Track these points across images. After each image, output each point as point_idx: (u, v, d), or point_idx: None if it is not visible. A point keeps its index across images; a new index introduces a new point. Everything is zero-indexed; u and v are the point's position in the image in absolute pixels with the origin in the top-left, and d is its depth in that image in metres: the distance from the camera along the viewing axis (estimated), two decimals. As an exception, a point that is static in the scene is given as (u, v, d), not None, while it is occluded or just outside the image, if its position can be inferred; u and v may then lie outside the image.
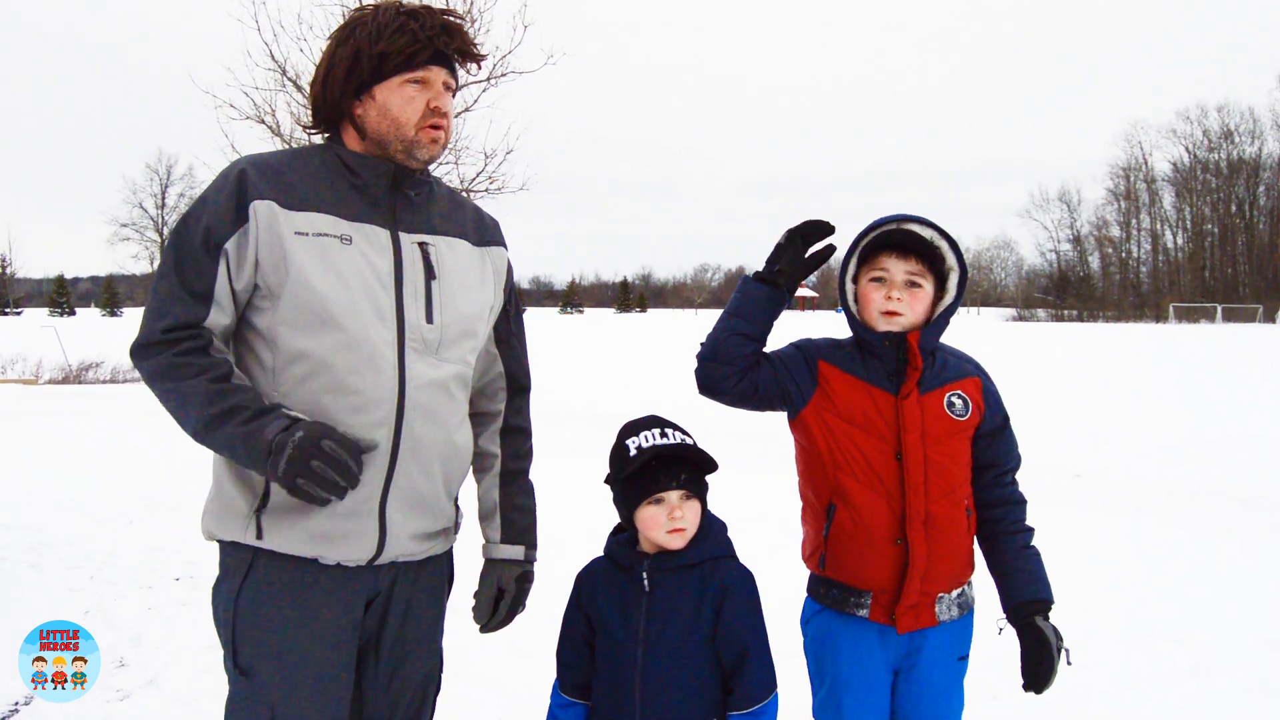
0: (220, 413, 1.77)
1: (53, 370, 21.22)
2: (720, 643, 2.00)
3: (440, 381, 1.98)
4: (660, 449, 2.00)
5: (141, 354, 1.84)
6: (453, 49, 1.98)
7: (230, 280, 1.86)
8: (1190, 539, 6.54)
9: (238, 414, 1.76)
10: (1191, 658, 4.28)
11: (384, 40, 1.91)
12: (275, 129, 8.46)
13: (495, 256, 2.19)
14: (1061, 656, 2.23)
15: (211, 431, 1.78)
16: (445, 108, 1.99)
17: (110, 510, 6.94)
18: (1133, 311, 69.94)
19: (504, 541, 2.18)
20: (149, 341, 1.83)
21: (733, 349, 2.19)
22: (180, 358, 1.80)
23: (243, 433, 1.75)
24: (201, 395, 1.78)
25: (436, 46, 1.94)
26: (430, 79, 1.96)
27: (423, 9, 1.99)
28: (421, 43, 1.93)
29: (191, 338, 1.83)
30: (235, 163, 1.93)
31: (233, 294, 1.87)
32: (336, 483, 1.73)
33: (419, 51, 1.93)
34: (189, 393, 1.79)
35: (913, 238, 2.21)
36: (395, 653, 2.03)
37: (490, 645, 2.44)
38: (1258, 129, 71.80)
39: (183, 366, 1.80)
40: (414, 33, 1.92)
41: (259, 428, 1.75)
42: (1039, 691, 2.23)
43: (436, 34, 1.94)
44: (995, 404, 2.30)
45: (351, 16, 2.03)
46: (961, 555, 2.23)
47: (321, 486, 1.72)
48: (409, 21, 1.93)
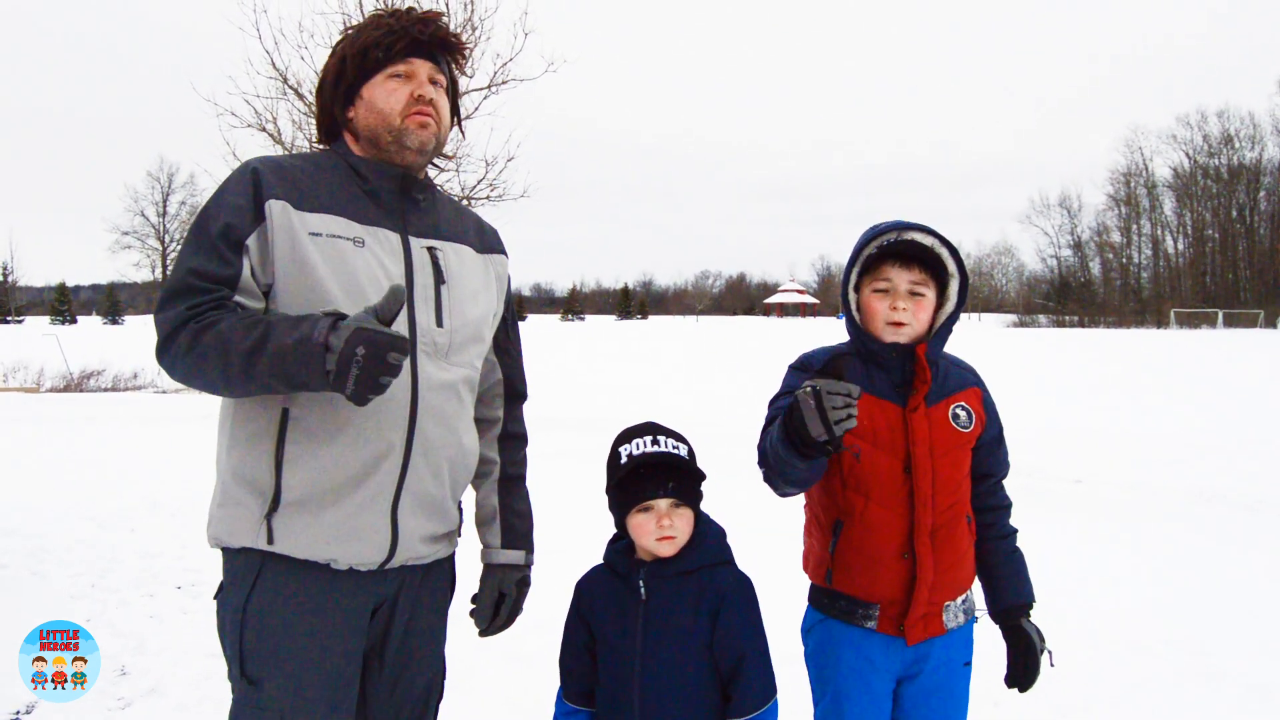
0: (261, 335, 1.68)
1: (54, 378, 21.23)
2: (718, 649, 2.00)
3: (450, 384, 1.99)
4: (648, 457, 2.01)
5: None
6: (428, 35, 2.01)
7: (255, 276, 1.83)
8: (1192, 544, 6.54)
9: (277, 327, 1.68)
10: (1194, 662, 4.28)
11: (363, 38, 1.98)
12: (276, 136, 8.48)
13: (497, 264, 2.21)
14: (1045, 658, 2.25)
15: (255, 357, 1.67)
16: (430, 95, 2.01)
17: (112, 517, 6.94)
18: (1134, 317, 69.89)
19: (505, 546, 2.20)
20: (178, 288, 1.77)
21: (805, 485, 2.10)
22: (202, 319, 1.74)
23: (290, 343, 1.65)
24: (240, 327, 1.70)
25: (412, 35, 1.98)
26: (413, 71, 2.00)
27: (403, 9, 2.04)
28: (397, 33, 1.97)
29: (218, 297, 1.77)
30: (247, 163, 1.94)
31: (259, 286, 1.84)
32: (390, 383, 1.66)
33: (395, 41, 1.97)
34: (226, 331, 1.71)
35: (915, 247, 2.20)
36: (399, 660, 2.03)
37: (490, 652, 2.45)
38: (1258, 134, 71.90)
39: (213, 319, 1.73)
40: (389, 26, 1.98)
41: (305, 335, 1.64)
42: (1022, 690, 2.26)
43: (411, 24, 1.99)
44: (993, 415, 2.31)
45: (341, 34, 2.09)
46: (966, 564, 2.24)
47: (381, 391, 1.65)
48: (387, 19, 2.00)
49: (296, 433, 1.83)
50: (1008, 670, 2.26)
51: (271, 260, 1.84)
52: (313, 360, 1.64)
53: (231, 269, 1.80)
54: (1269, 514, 7.59)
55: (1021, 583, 2.29)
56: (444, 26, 2.06)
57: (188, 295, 1.77)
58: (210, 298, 1.77)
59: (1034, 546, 2.44)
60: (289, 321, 1.70)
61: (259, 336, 1.68)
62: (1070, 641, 4.44)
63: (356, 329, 1.62)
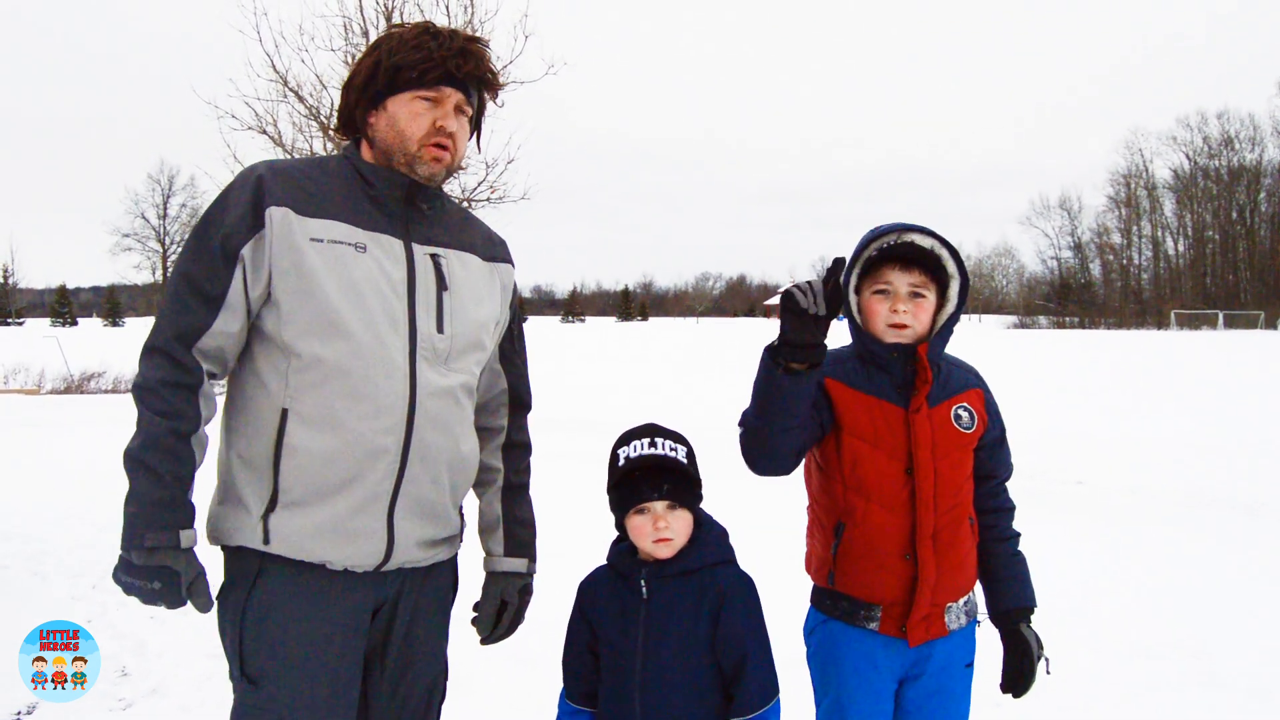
0: (144, 463, 1.80)
1: (55, 380, 21.23)
2: (719, 649, 2.00)
3: (449, 390, 1.99)
4: (644, 459, 2.02)
5: (143, 357, 1.87)
6: (465, 72, 1.99)
7: (246, 286, 1.88)
8: (1193, 546, 6.54)
9: (153, 483, 1.80)
10: (1195, 665, 4.27)
11: (401, 54, 1.95)
12: (277, 139, 8.47)
13: (503, 273, 2.21)
14: (1041, 664, 2.23)
15: (129, 467, 1.82)
16: (451, 128, 2.00)
17: (113, 519, 6.78)
18: (1134, 318, 69.98)
19: (507, 555, 2.20)
20: (153, 346, 1.86)
21: (785, 446, 2.09)
22: (165, 388, 1.83)
23: (135, 509, 1.80)
24: (147, 433, 1.81)
25: (448, 68, 1.96)
26: (441, 99, 1.98)
27: (448, 31, 2.01)
28: (435, 61, 1.95)
29: (187, 371, 1.85)
30: (253, 167, 1.95)
31: (247, 300, 1.89)
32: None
33: (431, 69, 1.95)
34: (145, 422, 1.82)
35: (915, 249, 2.20)
36: (400, 660, 2.03)
37: (493, 654, 2.45)
38: (1258, 135, 72.11)
39: (160, 398, 1.83)
40: (430, 50, 1.95)
41: (145, 524, 1.78)
42: (1017, 696, 2.26)
43: (451, 55, 1.96)
44: (996, 415, 2.31)
45: (384, 31, 2.07)
46: (968, 565, 2.24)
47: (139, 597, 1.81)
48: (429, 40, 1.97)
49: (293, 432, 1.85)
50: (1003, 674, 2.26)
51: (268, 267, 1.86)
52: (124, 537, 1.80)
53: (220, 284, 1.86)
54: (1270, 516, 7.58)
55: (1022, 586, 2.28)
56: (484, 62, 2.05)
57: (166, 363, 1.85)
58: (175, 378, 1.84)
59: (1035, 548, 2.44)
60: (161, 490, 1.80)
61: (141, 461, 1.80)
62: (1071, 644, 4.44)
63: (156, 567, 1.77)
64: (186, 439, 1.84)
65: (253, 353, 1.93)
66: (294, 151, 8.33)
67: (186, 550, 1.82)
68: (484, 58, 2.05)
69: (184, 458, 1.83)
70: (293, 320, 1.87)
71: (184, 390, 1.84)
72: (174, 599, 1.80)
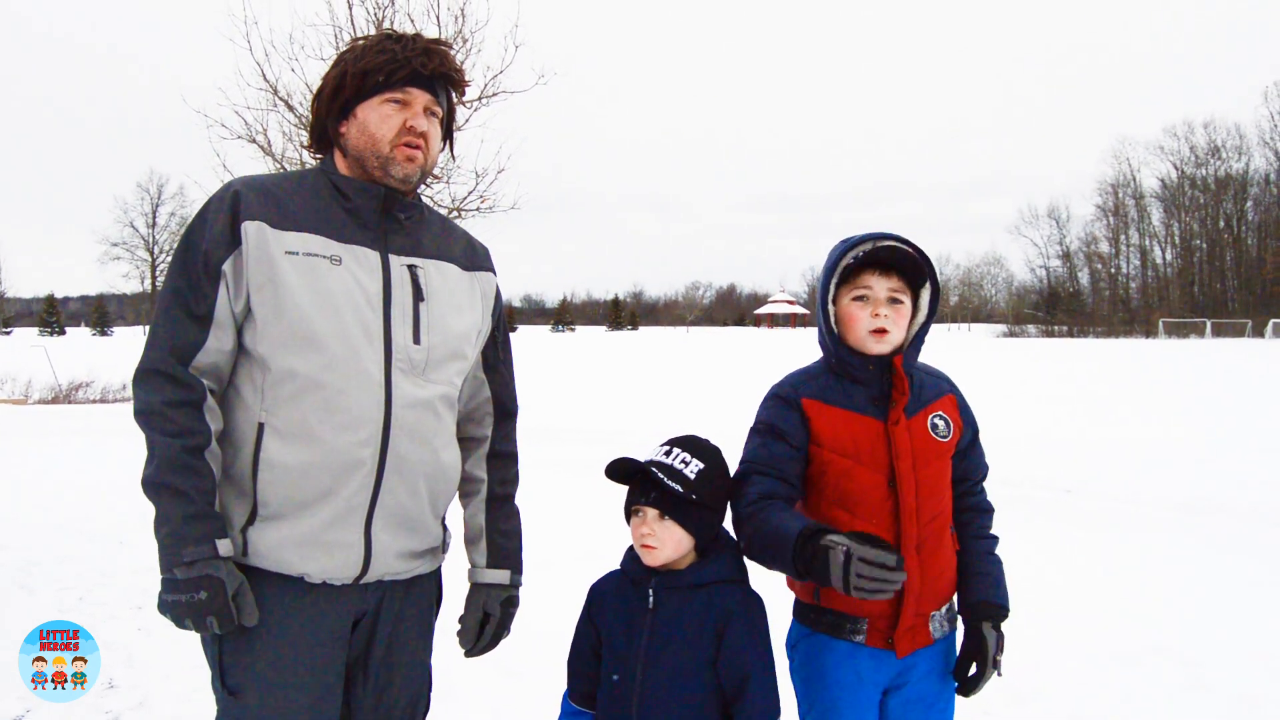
0: (166, 486, 1.81)
1: (42, 390, 21.15)
2: (722, 667, 1.99)
3: (426, 401, 1.99)
4: (639, 464, 2.04)
5: (140, 381, 1.87)
6: (431, 69, 2.01)
7: (230, 301, 1.89)
8: (1181, 553, 6.57)
9: (179, 501, 1.81)
10: (1184, 672, 4.29)
11: (366, 59, 1.98)
12: (267, 148, 8.46)
13: (484, 282, 2.21)
14: (994, 668, 2.22)
15: (151, 494, 1.83)
16: (421, 128, 2.01)
17: (101, 530, 6.90)
18: (1122, 327, 70.21)
19: (490, 566, 2.20)
20: (149, 368, 1.86)
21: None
22: (170, 409, 1.83)
23: (168, 530, 1.81)
24: (161, 456, 1.82)
25: (414, 67, 1.98)
26: (410, 100, 2.00)
27: (410, 35, 2.03)
28: (400, 62, 1.97)
29: (189, 388, 1.85)
30: (229, 184, 1.95)
31: (233, 316, 1.90)
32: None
33: (397, 70, 1.97)
34: (157, 446, 1.83)
35: (894, 253, 2.19)
36: (383, 672, 2.03)
37: (479, 665, 2.44)
38: (1244, 145, 72.45)
39: (167, 419, 1.83)
40: (394, 53, 1.98)
41: (180, 541, 1.80)
42: (965, 695, 2.24)
43: (416, 54, 1.99)
44: (969, 418, 2.31)
45: (347, 45, 2.08)
46: (949, 572, 2.24)
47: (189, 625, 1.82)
48: (391, 44, 2.00)
49: (269, 446, 1.87)
50: (954, 670, 2.24)
51: (245, 282, 1.88)
52: (163, 561, 1.82)
53: (207, 303, 1.87)
54: (1257, 523, 7.63)
55: (994, 584, 2.26)
56: (449, 59, 2.07)
57: (167, 384, 1.85)
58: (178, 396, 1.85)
59: (1023, 555, 2.45)
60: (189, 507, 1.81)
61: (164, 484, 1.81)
62: (1059, 651, 4.46)
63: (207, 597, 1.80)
64: (201, 454, 1.84)
65: (233, 367, 1.94)
66: (284, 161, 8.31)
67: (226, 559, 1.82)
68: (448, 56, 2.07)
69: (204, 473, 1.84)
70: (267, 334, 1.88)
71: (189, 408, 1.85)
72: (223, 609, 1.79)
